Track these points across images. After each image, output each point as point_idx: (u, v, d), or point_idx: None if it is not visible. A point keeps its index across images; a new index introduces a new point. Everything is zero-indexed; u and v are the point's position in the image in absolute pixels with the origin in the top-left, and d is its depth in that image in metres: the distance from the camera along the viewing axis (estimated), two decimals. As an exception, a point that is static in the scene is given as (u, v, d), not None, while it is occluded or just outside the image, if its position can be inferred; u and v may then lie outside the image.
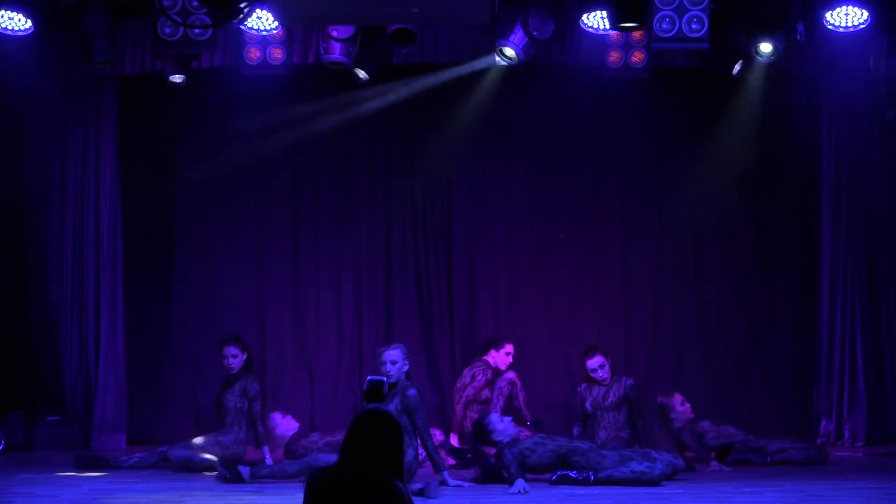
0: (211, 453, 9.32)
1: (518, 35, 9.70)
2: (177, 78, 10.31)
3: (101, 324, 10.98)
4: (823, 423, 10.83)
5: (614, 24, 9.10)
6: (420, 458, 8.76)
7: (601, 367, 9.71)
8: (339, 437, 9.60)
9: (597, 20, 9.77)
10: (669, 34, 9.30)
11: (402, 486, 3.97)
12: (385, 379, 4.32)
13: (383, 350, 8.60)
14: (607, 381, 9.72)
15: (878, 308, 10.99)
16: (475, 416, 9.89)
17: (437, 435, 10.09)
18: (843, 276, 10.92)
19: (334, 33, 9.71)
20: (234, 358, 9.61)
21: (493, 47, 9.87)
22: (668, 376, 11.35)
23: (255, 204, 11.89)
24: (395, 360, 8.48)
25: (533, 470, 8.57)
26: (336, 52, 9.80)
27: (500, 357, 10.64)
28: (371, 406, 4.06)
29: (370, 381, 4.27)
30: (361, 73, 10.17)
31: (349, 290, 11.86)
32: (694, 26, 9.25)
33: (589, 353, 9.80)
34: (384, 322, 11.83)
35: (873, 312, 10.98)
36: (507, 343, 10.73)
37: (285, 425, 10.34)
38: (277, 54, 10.04)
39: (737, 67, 10.24)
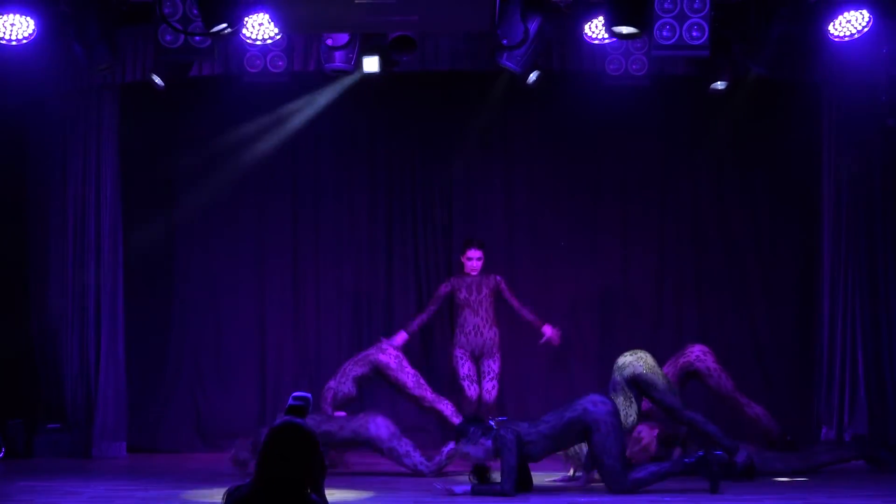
0: None
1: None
2: (157, 80, 10.22)
3: (102, 331, 10.98)
4: (824, 430, 10.82)
5: (610, 28, 9.01)
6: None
7: None
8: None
9: (598, 29, 9.78)
10: (670, 41, 9.31)
11: (319, 497, 3.99)
12: (310, 396, 4.30)
13: None
14: None
15: (878, 315, 10.98)
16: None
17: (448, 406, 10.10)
18: (844, 284, 10.91)
19: (329, 42, 9.72)
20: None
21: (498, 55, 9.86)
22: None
23: (255, 211, 11.90)
24: None
25: None
26: (337, 61, 9.80)
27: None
28: (285, 418, 4.06)
29: (297, 396, 4.24)
30: (374, 65, 10.13)
31: (349, 296, 11.87)
32: (694, 34, 9.26)
33: None
34: (384, 327, 11.83)
35: (874, 319, 10.96)
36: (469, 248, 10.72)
37: None
38: (278, 62, 10.05)
39: (719, 85, 10.36)
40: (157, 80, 10.19)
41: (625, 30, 8.89)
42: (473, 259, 10.66)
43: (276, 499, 3.93)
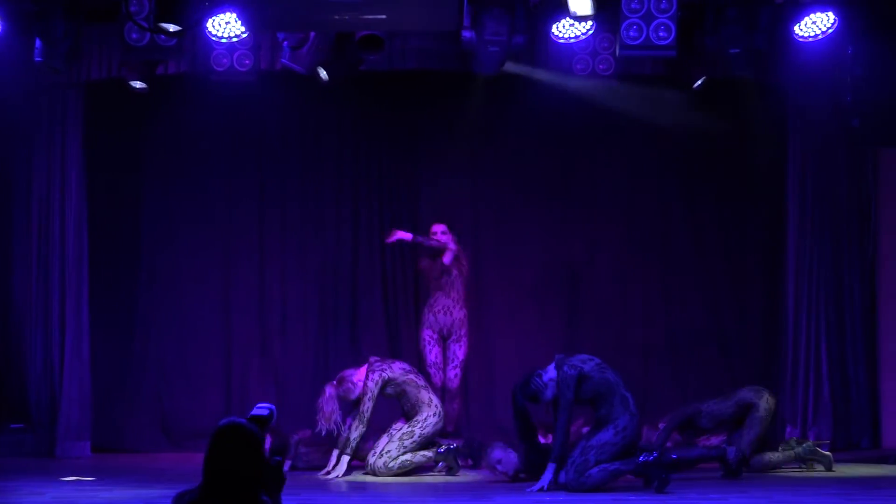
0: None
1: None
2: (138, 84, 10.26)
3: (66, 330, 10.90)
4: (788, 429, 10.89)
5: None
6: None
7: None
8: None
9: (566, 29, 9.82)
10: (637, 41, 9.33)
11: (270, 498, 3.98)
12: (274, 408, 4.27)
13: None
14: None
15: (843, 315, 11.06)
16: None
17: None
18: (809, 285, 10.99)
19: (286, 43, 9.69)
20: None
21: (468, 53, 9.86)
22: (636, 383, 11.35)
23: (222, 211, 11.85)
24: None
25: None
26: (290, 59, 9.77)
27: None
28: (232, 419, 4.03)
29: (260, 406, 4.22)
30: (322, 74, 10.10)
31: (315, 298, 11.84)
32: (661, 34, 9.29)
33: None
34: (349, 330, 11.83)
35: (838, 320, 11.05)
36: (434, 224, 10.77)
37: None
38: (245, 60, 10.00)
39: (699, 82, 10.41)
40: (138, 84, 10.20)
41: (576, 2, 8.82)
42: (437, 233, 10.64)
43: (225, 499, 3.90)
